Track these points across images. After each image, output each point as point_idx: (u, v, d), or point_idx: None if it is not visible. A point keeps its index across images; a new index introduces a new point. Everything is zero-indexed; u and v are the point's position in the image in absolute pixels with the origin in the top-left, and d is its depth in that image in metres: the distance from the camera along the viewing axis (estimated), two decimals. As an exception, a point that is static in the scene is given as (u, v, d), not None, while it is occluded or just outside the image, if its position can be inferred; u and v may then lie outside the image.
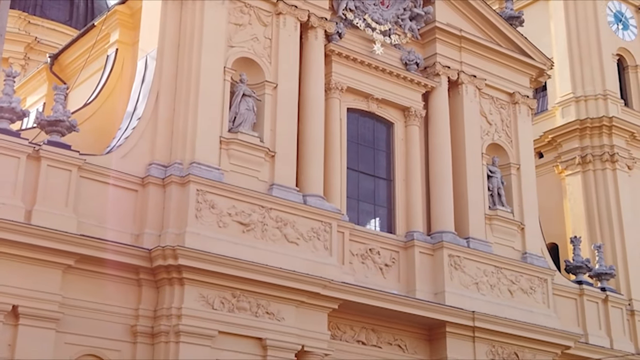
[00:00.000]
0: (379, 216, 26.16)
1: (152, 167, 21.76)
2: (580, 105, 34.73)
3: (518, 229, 27.84)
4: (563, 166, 34.25)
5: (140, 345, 20.45)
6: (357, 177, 25.89)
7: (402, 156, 26.65)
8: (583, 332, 28.73)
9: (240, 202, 21.96)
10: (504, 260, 26.71)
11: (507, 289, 26.55)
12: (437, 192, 26.54)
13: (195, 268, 20.59)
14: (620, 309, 30.45)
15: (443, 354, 24.74)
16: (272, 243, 22.15)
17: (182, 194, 21.37)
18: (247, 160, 22.72)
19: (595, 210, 33.10)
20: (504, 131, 28.92)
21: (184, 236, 20.81)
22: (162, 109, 22.41)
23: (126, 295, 20.66)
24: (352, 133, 26.02)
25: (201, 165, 21.72)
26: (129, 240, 20.87)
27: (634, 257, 32.65)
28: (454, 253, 25.62)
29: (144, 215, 21.29)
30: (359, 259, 24.50)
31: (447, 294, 24.97)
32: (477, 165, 27.54)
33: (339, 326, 23.65)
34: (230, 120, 22.88)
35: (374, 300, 23.52)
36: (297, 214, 22.78)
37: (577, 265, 30.02)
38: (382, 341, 24.43)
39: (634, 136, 34.50)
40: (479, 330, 25.15)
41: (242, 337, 21.13)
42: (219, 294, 21.03)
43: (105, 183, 21.06)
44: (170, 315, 20.42)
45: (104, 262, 20.21)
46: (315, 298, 22.27)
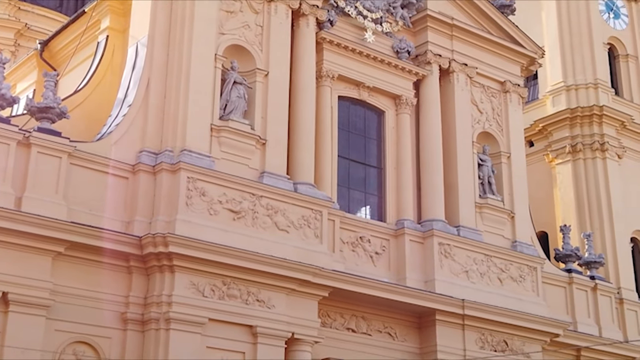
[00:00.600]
0: (370, 204, 26.20)
1: (143, 155, 21.72)
2: (571, 94, 34.80)
3: (508, 217, 27.93)
4: (553, 155, 34.34)
5: (130, 332, 20.46)
6: (348, 165, 25.92)
7: (392, 144, 26.68)
8: (572, 320, 28.90)
9: (231, 190, 21.96)
10: (493, 248, 26.80)
11: (496, 277, 26.66)
12: (427, 181, 26.59)
13: (185, 255, 20.59)
14: (609, 297, 30.62)
15: (433, 342, 24.83)
16: (262, 231, 22.17)
17: (172, 182, 21.35)
18: (238, 148, 22.70)
19: (585, 199, 33.22)
20: (495, 120, 28.97)
21: (174, 224, 20.81)
22: (152, 96, 22.36)
23: (116, 283, 20.65)
24: (343, 121, 26.02)
25: (192, 152, 21.70)
26: (120, 227, 20.85)
27: (623, 245, 32.81)
28: (444, 241, 25.69)
29: (135, 202, 21.27)
30: (350, 246, 24.54)
31: (437, 282, 25.06)
32: (468, 154, 27.59)
33: (329, 314, 23.72)
34: (221, 107, 22.86)
35: (364, 288, 23.59)
36: (287, 202, 22.80)
37: (567, 253, 30.16)
38: (372, 329, 24.51)
39: (624, 125, 34.59)
40: (469, 318, 25.25)
41: (232, 324, 21.16)
42: (209, 281, 21.05)
43: (95, 170, 21.02)
44: (161, 303, 20.43)
45: (95, 249, 20.20)
46: (305, 286, 22.31)
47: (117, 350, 20.20)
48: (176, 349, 20.11)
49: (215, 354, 20.76)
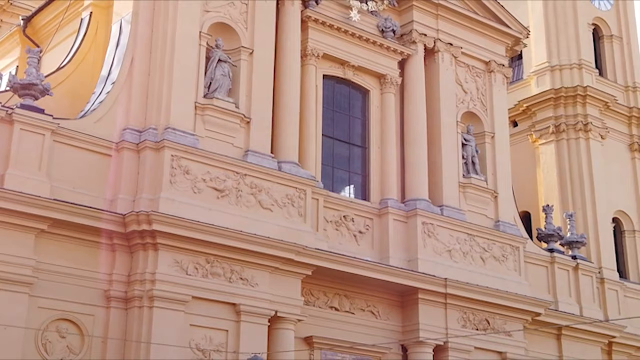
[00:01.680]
0: (354, 183, 26.26)
1: (127, 132, 21.66)
2: (555, 75, 34.88)
3: (491, 197, 28.06)
4: (537, 135, 34.46)
5: (113, 310, 20.50)
6: (332, 144, 25.94)
7: (377, 123, 26.71)
8: (553, 299, 29.14)
9: (215, 168, 21.95)
10: (476, 228, 26.95)
11: (479, 256, 26.81)
12: (411, 160, 26.66)
13: (169, 233, 20.60)
14: (590, 276, 30.86)
15: (415, 320, 24.99)
16: (246, 209, 22.19)
17: (156, 160, 21.31)
18: (222, 126, 22.67)
19: (568, 179, 33.39)
20: (479, 99, 29.03)
21: (158, 201, 20.80)
22: (136, 74, 22.27)
23: (100, 260, 20.63)
24: (327, 100, 26.01)
25: (176, 130, 21.66)
26: (103, 205, 20.82)
27: (605, 225, 33.03)
28: (427, 220, 25.80)
29: (118, 180, 21.23)
30: (333, 225, 24.62)
31: (420, 261, 25.19)
32: (452, 134, 27.66)
33: (312, 292, 23.81)
34: (205, 85, 22.79)
35: (348, 266, 23.69)
36: (271, 181, 22.82)
37: (549, 233, 30.35)
38: (355, 307, 24.64)
39: (607, 106, 34.72)
40: (451, 297, 25.42)
41: (215, 302, 21.22)
42: (192, 259, 21.08)
43: (79, 148, 20.96)
44: (144, 281, 20.46)
45: (78, 227, 20.17)
46: (289, 264, 22.39)
47: (100, 328, 20.23)
48: (159, 327, 20.16)
49: (198, 331, 20.84)
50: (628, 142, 35.57)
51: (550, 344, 28.91)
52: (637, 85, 36.59)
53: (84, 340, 20.01)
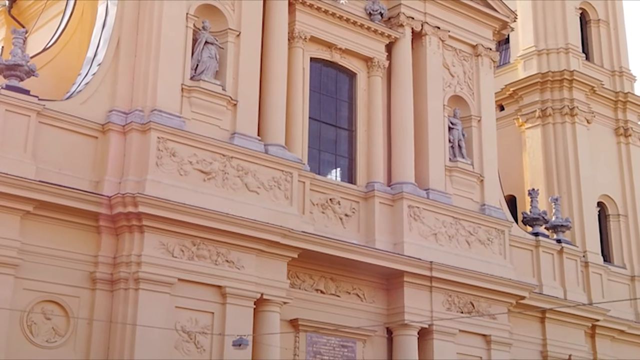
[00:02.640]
0: (340, 166, 26.28)
1: (113, 114, 21.59)
2: (542, 59, 34.93)
3: (477, 180, 28.15)
4: (523, 119, 34.54)
5: (99, 292, 20.50)
6: (319, 127, 25.94)
7: (364, 107, 26.72)
8: (538, 283, 29.31)
9: (202, 151, 21.93)
10: (462, 211, 27.04)
11: (464, 239, 26.92)
12: (398, 143, 26.69)
13: (155, 216, 20.59)
14: (575, 260, 31.04)
15: (400, 303, 25.10)
16: (232, 192, 22.20)
17: (142, 142, 21.27)
18: (209, 109, 22.62)
19: (554, 163, 33.51)
20: (466, 83, 29.06)
21: (144, 184, 20.77)
22: (123, 55, 22.19)
23: (85, 242, 20.62)
24: (314, 83, 25.98)
25: (162, 112, 21.60)
26: (89, 187, 20.78)
27: (590, 209, 33.21)
28: (413, 204, 25.87)
29: (104, 162, 21.18)
30: (319, 208, 24.64)
31: (405, 244, 25.27)
32: (439, 117, 27.69)
33: (298, 275, 23.88)
34: (192, 68, 22.71)
35: (334, 249, 23.75)
36: (258, 163, 22.81)
37: (534, 217, 30.50)
38: (340, 290, 24.72)
39: (593, 90, 34.82)
40: (436, 280, 25.53)
41: (201, 284, 21.26)
42: (178, 241, 21.09)
43: (64, 129, 20.88)
44: (130, 263, 20.46)
45: (63, 208, 20.14)
46: (275, 247, 22.42)
47: (85, 310, 20.24)
48: (145, 309, 20.19)
49: (184, 313, 20.89)
50: (614, 126, 35.72)
51: (534, 327, 29.12)
52: (623, 70, 36.70)
53: (70, 322, 20.01)
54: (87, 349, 20.06)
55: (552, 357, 29.00)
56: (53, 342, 19.75)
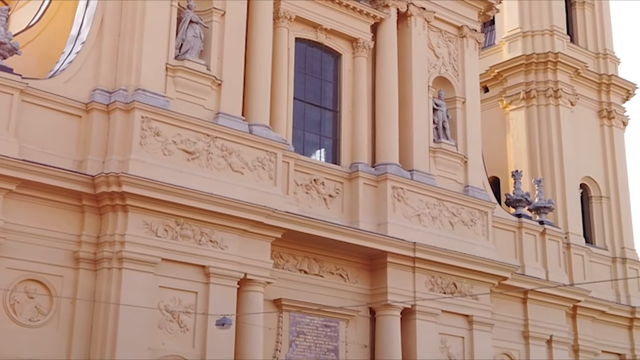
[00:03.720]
0: (324, 147, 26.30)
1: (96, 93, 21.51)
2: (527, 41, 34.97)
3: (461, 162, 28.24)
4: (507, 101, 34.61)
5: (82, 271, 20.50)
6: (304, 108, 25.92)
7: (349, 87, 26.71)
8: (520, 264, 29.52)
9: (186, 130, 21.89)
10: (446, 192, 27.15)
11: (448, 221, 27.04)
12: (382, 124, 26.71)
13: (139, 195, 20.57)
14: (557, 241, 31.25)
15: (383, 284, 25.22)
16: (216, 172, 22.19)
17: (126, 121, 21.21)
18: (193, 88, 22.56)
19: (537, 145, 33.64)
20: (451, 65, 29.08)
21: (128, 163, 20.73)
22: (106, 34, 22.08)
23: (69, 221, 20.59)
24: (299, 63, 25.94)
25: (146, 92, 21.53)
26: (72, 166, 20.72)
27: (573, 191, 33.39)
28: (397, 185, 25.94)
29: (88, 141, 21.12)
30: (303, 189, 24.68)
31: (389, 225, 25.35)
32: (423, 98, 27.72)
33: (281, 255, 23.94)
34: (176, 47, 22.63)
35: (317, 230, 23.80)
36: (242, 143, 22.80)
37: (517, 198, 30.66)
38: (324, 270, 24.81)
39: (578, 72, 34.91)
40: (419, 261, 25.65)
41: (185, 264, 21.29)
42: (162, 221, 21.09)
43: (48, 108, 20.79)
44: (113, 242, 20.46)
45: (47, 187, 20.08)
46: (258, 227, 22.46)
47: (68, 289, 20.24)
48: (128, 288, 20.21)
49: (167, 293, 20.92)
50: (597, 108, 35.87)
51: (516, 307, 29.33)
52: (607, 52, 36.80)
53: (53, 301, 20.01)
54: (70, 328, 20.07)
55: (534, 337, 29.25)
56: (36, 321, 19.75)
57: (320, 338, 24.25)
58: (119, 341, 19.84)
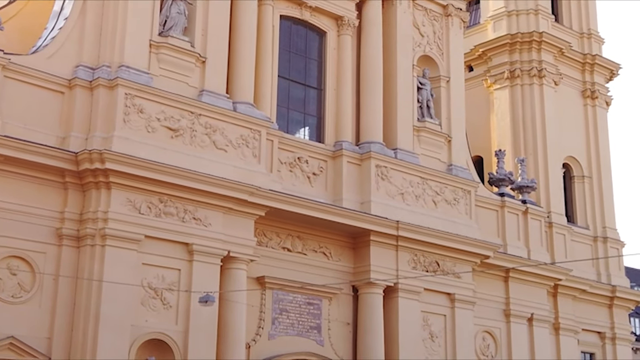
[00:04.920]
0: (309, 125, 26.29)
1: (80, 69, 21.41)
2: (512, 20, 34.97)
3: (445, 141, 28.32)
4: (492, 80, 34.66)
5: (65, 248, 20.50)
6: (288, 86, 25.89)
7: (333, 66, 26.66)
8: (502, 243, 29.71)
9: (170, 108, 21.84)
10: (429, 171, 27.23)
11: (431, 199, 27.14)
12: (367, 103, 26.72)
13: (122, 172, 20.55)
14: (539, 220, 31.45)
15: (366, 262, 25.34)
16: (200, 149, 22.17)
17: (109, 98, 21.13)
18: (177, 65, 22.49)
19: (521, 125, 33.74)
20: (436, 43, 29.08)
21: (111, 140, 20.68)
22: (90, 10, 21.95)
23: (51, 198, 20.56)
24: (284, 41, 25.87)
25: (130, 68, 21.44)
26: (55, 142, 20.66)
27: (555, 171, 33.55)
28: (381, 163, 25.99)
29: (71, 118, 21.05)
30: (287, 167, 24.69)
31: (372, 203, 25.43)
32: (408, 77, 27.72)
33: (265, 233, 23.99)
34: (160, 23, 22.54)
35: (301, 208, 23.86)
36: (226, 121, 22.78)
37: (500, 178, 30.80)
38: (307, 248, 24.89)
39: (562, 52, 34.98)
40: (402, 239, 25.77)
41: (168, 241, 21.32)
42: (146, 198, 21.08)
43: (30, 84, 20.70)
44: (97, 219, 20.44)
45: (29, 164, 20.03)
46: (242, 205, 22.48)
47: (51, 266, 20.24)
48: (111, 265, 20.24)
49: (151, 270, 20.97)
50: (581, 88, 35.98)
51: (498, 285, 29.55)
52: (592, 32, 36.86)
53: (35, 277, 20.01)
54: (53, 305, 20.09)
55: (515, 315, 29.49)
56: (19, 297, 19.75)
57: (303, 315, 24.38)
58: (101, 318, 19.88)
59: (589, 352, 33.05)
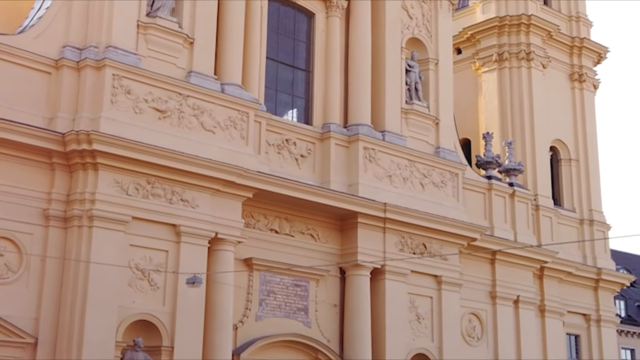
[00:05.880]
0: (297, 107, 26.27)
1: (67, 50, 21.30)
2: (501, 3, 34.95)
3: (433, 123, 28.35)
4: (480, 63, 34.67)
5: (52, 229, 20.46)
6: (276, 67, 25.83)
7: (322, 47, 26.61)
8: (489, 225, 29.82)
9: (157, 89, 21.77)
10: (417, 154, 27.27)
11: (419, 182, 27.20)
12: (355, 85, 26.69)
13: (109, 153, 20.50)
14: (526, 203, 31.59)
15: (354, 244, 25.41)
16: (188, 131, 22.13)
17: (97, 78, 21.05)
18: (165, 46, 22.41)
19: (509, 108, 33.81)
20: (425, 26, 29.05)
21: (98, 121, 20.62)
22: (77, -10, 21.82)
23: (39, 179, 20.50)
24: (272, 22, 25.80)
25: (117, 49, 21.35)
26: (42, 123, 20.57)
27: (543, 154, 33.66)
28: (369, 146, 26.01)
29: (58, 98, 20.95)
30: (275, 149, 24.68)
31: (360, 185, 25.48)
32: (396, 59, 27.70)
33: (252, 215, 24.01)
34: (148, 4, 22.45)
35: (288, 190, 23.88)
36: (214, 102, 22.74)
37: (488, 160, 30.88)
38: (294, 230, 24.92)
39: (550, 35, 34.99)
40: (390, 222, 25.83)
41: (156, 223, 21.31)
42: (133, 180, 21.05)
43: (17, 64, 20.58)
44: (84, 200, 20.41)
45: (16, 144, 19.94)
46: (230, 186, 22.48)
47: (38, 246, 20.22)
48: (99, 246, 20.23)
49: (138, 251, 20.97)
50: (569, 72, 36.04)
51: (485, 268, 29.69)
52: (580, 15, 36.88)
53: (22, 258, 19.98)
54: (40, 286, 20.08)
55: (501, 297, 29.66)
56: (5, 278, 19.73)
57: (290, 297, 24.45)
58: (89, 299, 19.90)
59: (574, 334, 33.29)
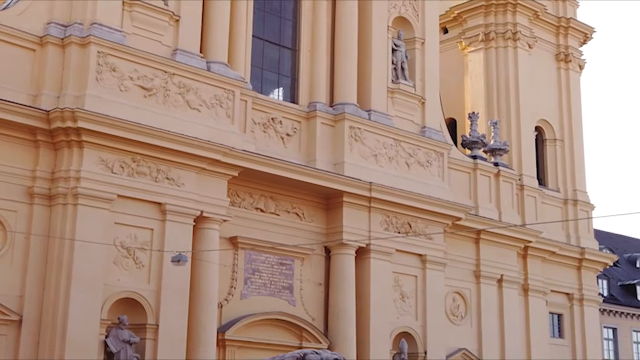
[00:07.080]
0: (283, 86, 26.22)
1: (51, 27, 21.15)
2: (488, -18, 34.85)
3: (419, 103, 28.36)
4: (466, 42, 34.65)
5: (37, 206, 20.41)
6: (263, 46, 25.76)
7: (308, 26, 26.53)
8: (474, 205, 29.93)
9: (143, 67, 21.68)
10: (403, 133, 27.30)
11: (404, 161, 27.25)
12: (341, 64, 26.65)
13: (94, 131, 20.43)
14: (511, 183, 31.72)
15: (339, 223, 25.47)
16: (173, 109, 22.08)
17: (82, 56, 20.93)
18: (151, 24, 22.29)
19: (495, 87, 33.84)
20: (411, 5, 28.99)
21: (83, 99, 20.53)
22: (61, -35, 21.64)
23: (23, 157, 20.42)
24: (259, 0, 25.67)
25: (102, 26, 21.22)
26: (26, 100, 20.46)
27: (528, 134, 33.76)
28: (354, 125, 26.02)
29: (42, 75, 20.83)
30: (261, 127, 24.66)
31: (346, 164, 25.51)
32: (383, 39, 27.65)
33: (238, 193, 24.02)
34: (133, -20, 22.28)
35: (274, 168, 23.89)
36: (200, 81, 22.67)
37: (473, 140, 30.94)
38: (280, 209, 24.96)
39: (537, 15, 34.98)
40: (375, 201, 25.90)
41: (141, 201, 21.30)
42: (118, 158, 21.01)
43: (1, 41, 20.38)
44: (69, 178, 20.35)
45: (0, 121, 19.82)
46: (215, 165, 22.47)
47: (23, 224, 20.17)
48: (83, 224, 20.21)
49: (123, 229, 20.96)
50: (555, 52, 36.09)
51: (469, 247, 29.85)
52: (567, -6, 36.89)
53: (7, 235, 19.94)
54: (24, 263, 20.06)
55: (485, 276, 29.83)
56: (-10, 256, 19.72)
57: (276, 276, 24.53)
58: (74, 277, 19.90)
59: (557, 313, 33.56)
